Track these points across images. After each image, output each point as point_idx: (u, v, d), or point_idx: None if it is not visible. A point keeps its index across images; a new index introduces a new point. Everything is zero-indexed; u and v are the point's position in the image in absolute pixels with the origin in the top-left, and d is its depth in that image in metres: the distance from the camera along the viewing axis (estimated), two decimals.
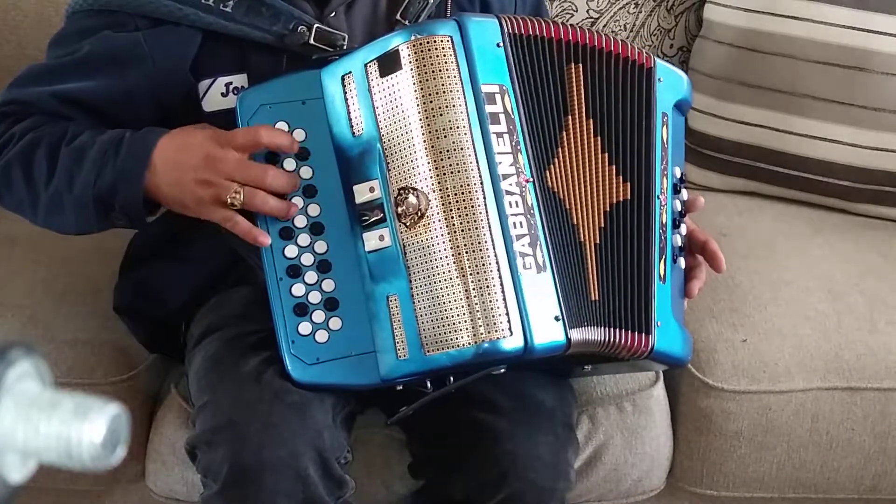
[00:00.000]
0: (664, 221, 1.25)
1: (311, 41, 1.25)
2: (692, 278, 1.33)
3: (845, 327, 1.55)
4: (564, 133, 1.20)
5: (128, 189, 1.20)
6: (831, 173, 1.82)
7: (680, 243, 1.29)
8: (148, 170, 1.19)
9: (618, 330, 1.19)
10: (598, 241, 1.19)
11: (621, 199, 1.22)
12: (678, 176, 1.30)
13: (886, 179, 1.81)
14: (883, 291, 1.62)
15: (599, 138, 1.21)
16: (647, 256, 1.22)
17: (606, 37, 1.24)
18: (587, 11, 1.89)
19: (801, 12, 1.78)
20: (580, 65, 1.21)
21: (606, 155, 1.22)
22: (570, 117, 1.20)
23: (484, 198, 1.11)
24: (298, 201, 1.20)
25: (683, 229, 1.31)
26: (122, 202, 1.21)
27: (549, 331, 1.11)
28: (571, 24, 1.23)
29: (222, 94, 1.28)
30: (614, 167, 1.22)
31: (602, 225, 1.20)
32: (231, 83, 1.28)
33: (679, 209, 1.30)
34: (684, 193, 1.31)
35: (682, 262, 1.30)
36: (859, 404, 1.50)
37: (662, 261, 1.24)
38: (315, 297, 1.19)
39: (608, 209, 1.21)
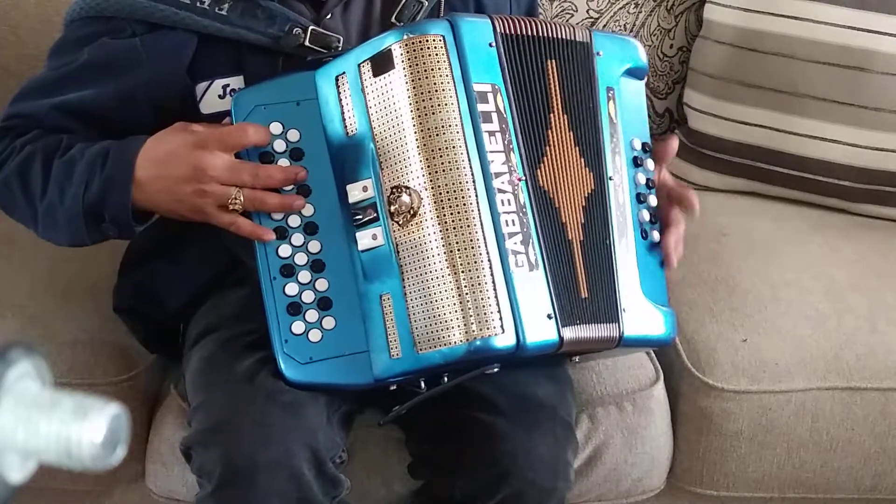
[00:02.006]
0: (621, 201, 1.22)
1: (306, 43, 1.25)
2: (667, 232, 1.26)
3: (845, 327, 1.54)
4: (549, 131, 1.19)
5: (116, 199, 1.20)
6: (831, 173, 1.82)
7: (648, 218, 1.26)
8: (133, 182, 1.19)
9: (598, 325, 1.17)
10: (582, 239, 1.18)
11: (590, 190, 1.20)
12: (638, 147, 1.27)
13: (886, 179, 1.81)
14: (883, 291, 1.62)
15: (572, 133, 1.20)
16: (606, 242, 1.20)
17: (568, 26, 1.22)
18: (587, 11, 1.89)
19: (801, 12, 1.77)
20: (553, 60, 1.20)
21: (578, 148, 1.20)
22: (553, 115, 1.20)
23: (476, 196, 1.11)
24: None
25: (652, 201, 1.27)
26: (112, 213, 1.21)
27: (541, 329, 1.11)
28: (551, 21, 1.23)
29: (219, 97, 1.28)
30: (583, 159, 1.21)
31: (583, 221, 1.19)
32: (228, 85, 1.28)
33: (643, 182, 1.26)
34: (649, 163, 1.28)
35: (655, 235, 1.26)
36: (859, 404, 1.50)
37: (623, 242, 1.21)
38: (308, 297, 1.19)
39: (585, 204, 1.20)
